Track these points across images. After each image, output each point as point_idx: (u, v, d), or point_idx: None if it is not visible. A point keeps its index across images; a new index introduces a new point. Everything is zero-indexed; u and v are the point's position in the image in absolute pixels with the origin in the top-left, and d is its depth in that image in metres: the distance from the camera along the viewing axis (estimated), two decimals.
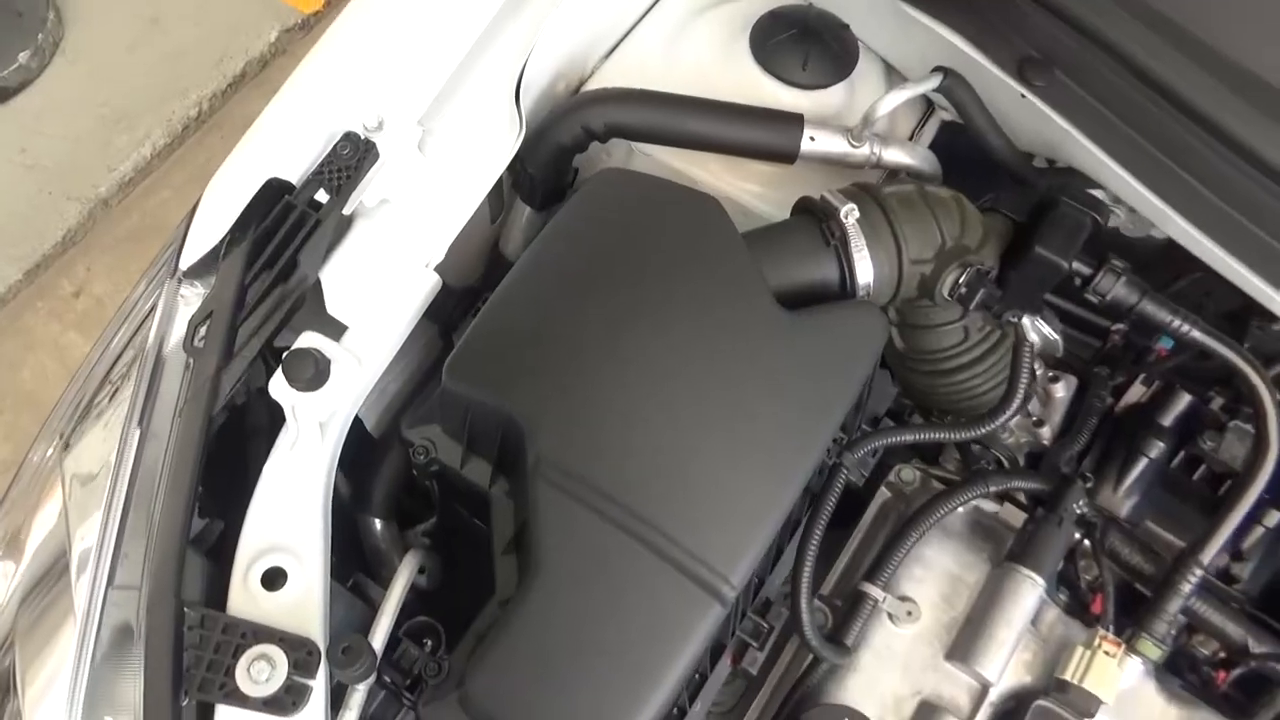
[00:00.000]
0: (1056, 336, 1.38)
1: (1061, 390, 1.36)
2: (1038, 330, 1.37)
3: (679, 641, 0.89)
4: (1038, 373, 1.37)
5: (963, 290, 1.07)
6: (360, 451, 1.24)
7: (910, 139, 1.33)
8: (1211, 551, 1.10)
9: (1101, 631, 1.07)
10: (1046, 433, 1.34)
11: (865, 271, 1.06)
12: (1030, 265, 1.13)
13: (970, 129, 1.22)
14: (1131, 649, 1.10)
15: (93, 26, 3.03)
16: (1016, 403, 1.06)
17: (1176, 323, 1.11)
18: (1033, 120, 1.15)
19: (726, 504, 0.92)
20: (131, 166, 2.85)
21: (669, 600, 0.90)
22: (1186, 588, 1.10)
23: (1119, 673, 1.07)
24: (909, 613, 1.12)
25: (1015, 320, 1.05)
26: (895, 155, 1.22)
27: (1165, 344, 1.36)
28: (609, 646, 0.89)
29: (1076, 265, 1.12)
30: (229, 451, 1.11)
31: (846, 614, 1.10)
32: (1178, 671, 1.23)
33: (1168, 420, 1.32)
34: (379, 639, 0.99)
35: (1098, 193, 1.26)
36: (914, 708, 1.09)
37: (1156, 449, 1.28)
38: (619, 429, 0.94)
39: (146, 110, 2.93)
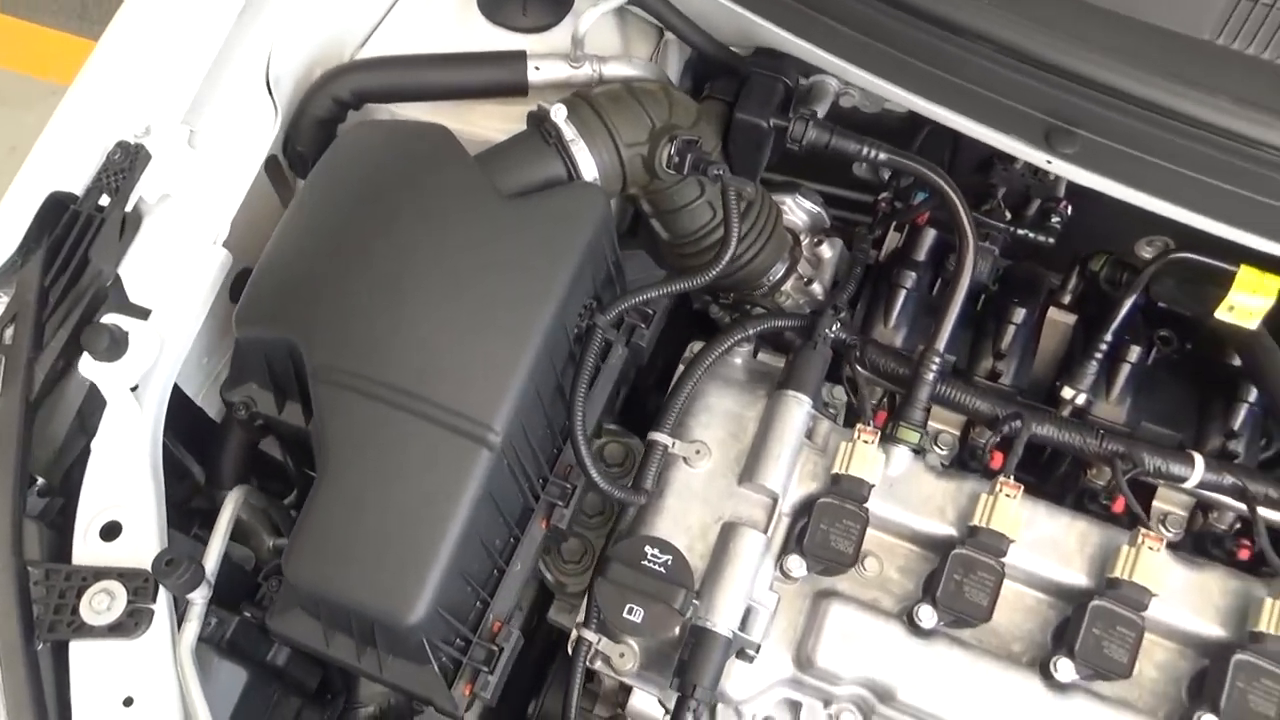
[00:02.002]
0: (818, 209, 1.55)
1: (828, 251, 1.51)
2: (800, 206, 1.54)
3: (458, 489, 1.02)
4: (804, 240, 1.53)
5: (675, 160, 1.22)
6: (205, 437, 1.36)
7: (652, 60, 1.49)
8: (943, 338, 1.25)
9: (860, 425, 1.21)
10: (818, 289, 1.49)
11: (586, 161, 1.20)
12: (737, 131, 1.29)
13: (673, 32, 1.38)
14: (895, 438, 1.24)
15: None
16: (734, 243, 1.20)
17: (865, 149, 1.27)
18: (718, 11, 1.31)
19: (476, 365, 1.05)
20: None
21: (442, 455, 1.02)
22: (930, 375, 1.25)
23: (880, 455, 1.20)
24: (697, 452, 1.25)
25: (719, 173, 1.20)
26: (615, 69, 1.37)
27: (920, 197, 1.52)
28: (397, 506, 1.02)
29: (775, 122, 1.28)
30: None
31: (641, 463, 1.23)
32: (965, 465, 1.37)
33: (920, 255, 1.48)
34: (211, 559, 1.10)
35: (827, 79, 1.43)
36: (718, 531, 1.21)
37: (910, 279, 1.43)
38: (377, 325, 1.07)
39: None
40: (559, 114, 1.19)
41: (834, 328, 1.30)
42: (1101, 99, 1.11)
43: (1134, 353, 1.37)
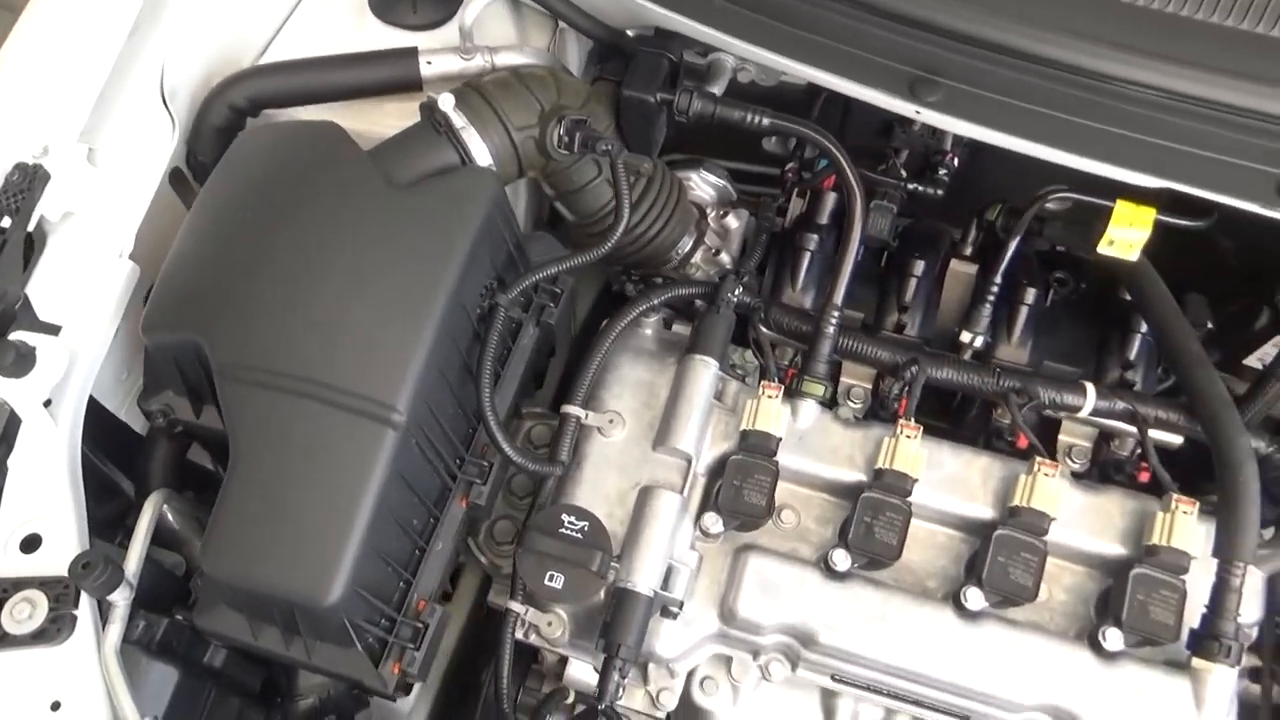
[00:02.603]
0: (724, 182, 1.59)
1: (734, 222, 1.55)
2: (705, 180, 1.58)
3: (366, 470, 1.04)
4: (711, 213, 1.57)
5: (565, 139, 1.26)
6: (133, 452, 1.37)
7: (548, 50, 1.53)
8: (839, 292, 1.29)
9: (764, 382, 1.25)
10: (726, 259, 1.53)
11: (478, 146, 1.23)
12: (627, 108, 1.33)
13: (560, 17, 1.41)
14: (801, 393, 1.28)
15: None
16: (626, 212, 1.24)
17: (749, 116, 1.30)
18: None
19: (375, 349, 1.07)
20: None
21: (348, 438, 1.05)
22: (830, 329, 1.29)
23: (785, 410, 1.24)
24: (611, 421, 1.28)
25: (607, 148, 1.24)
26: (507, 59, 1.40)
27: (823, 164, 1.57)
28: (307, 491, 1.04)
29: (661, 96, 1.32)
30: None
31: (555, 436, 1.26)
32: (878, 417, 1.41)
33: (822, 218, 1.52)
34: (131, 561, 1.12)
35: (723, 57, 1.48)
36: (635, 497, 1.24)
37: (813, 242, 1.47)
38: (276, 319, 1.09)
39: None
40: (447, 103, 1.22)
41: (736, 292, 1.33)
42: (960, 48, 1.15)
43: (1030, 295, 1.41)
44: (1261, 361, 1.60)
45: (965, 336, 1.36)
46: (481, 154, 1.24)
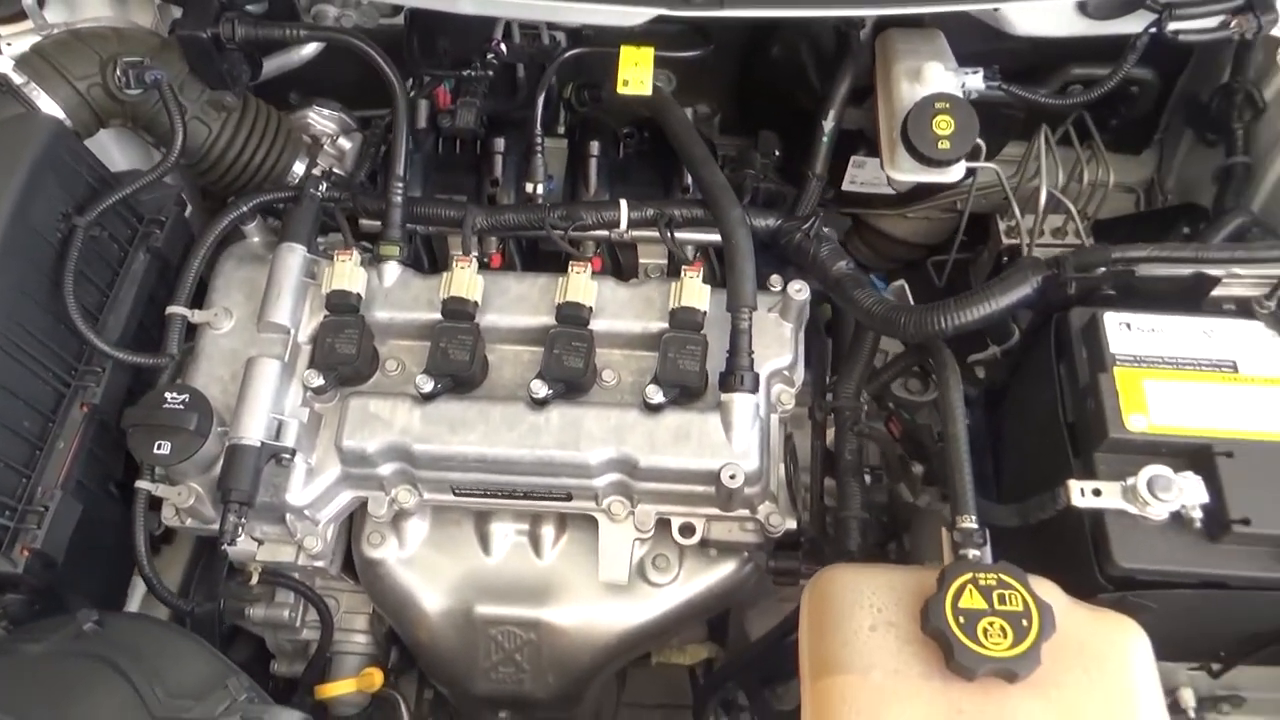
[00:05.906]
0: (339, 113, 1.77)
1: (347, 143, 1.74)
2: (321, 115, 1.77)
3: None
4: (326, 142, 1.75)
5: (123, 80, 1.42)
6: None
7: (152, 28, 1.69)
8: (398, 166, 1.47)
9: (338, 251, 1.42)
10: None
11: (42, 99, 1.39)
12: (186, 48, 1.49)
13: None
14: (381, 257, 1.46)
15: None
16: (180, 129, 1.42)
17: (288, 32, 1.49)
18: None
19: None
20: None
21: None
22: (396, 198, 1.47)
23: (360, 271, 1.42)
24: (217, 314, 1.44)
25: (156, 77, 1.41)
26: (87, 28, 1.56)
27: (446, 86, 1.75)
28: None
29: (211, 31, 1.48)
30: None
31: (163, 334, 1.41)
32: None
33: (421, 124, 1.70)
34: None
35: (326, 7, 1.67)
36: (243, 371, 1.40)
37: (411, 141, 1.65)
38: None
39: None
40: (5, 64, 1.38)
41: (321, 188, 1.51)
42: None
43: (595, 148, 1.63)
44: (851, 182, 1.87)
45: (529, 187, 1.57)
46: (48, 105, 1.40)
